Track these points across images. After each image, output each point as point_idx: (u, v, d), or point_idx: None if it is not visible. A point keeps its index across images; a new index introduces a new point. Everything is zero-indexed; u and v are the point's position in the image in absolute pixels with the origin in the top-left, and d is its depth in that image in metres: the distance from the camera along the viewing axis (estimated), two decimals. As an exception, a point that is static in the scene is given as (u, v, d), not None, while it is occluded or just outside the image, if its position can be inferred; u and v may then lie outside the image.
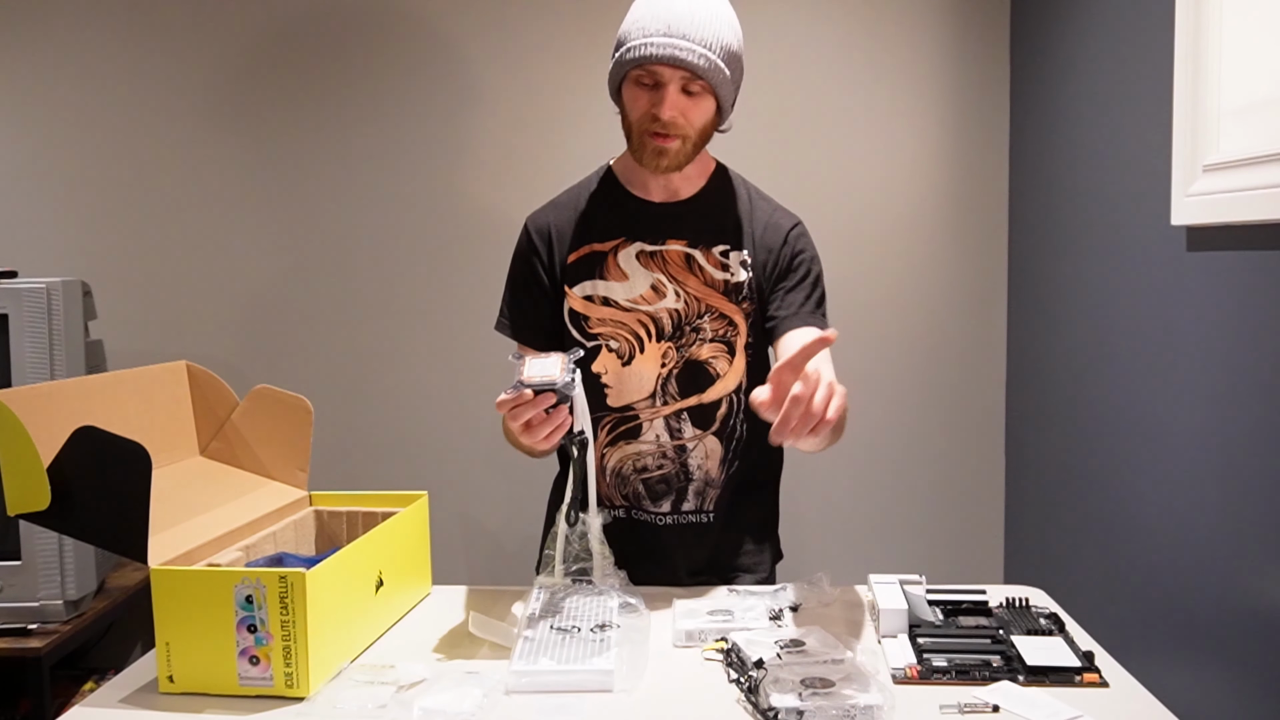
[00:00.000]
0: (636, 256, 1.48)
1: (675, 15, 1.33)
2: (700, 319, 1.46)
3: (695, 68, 1.34)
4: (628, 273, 1.47)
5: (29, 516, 1.15)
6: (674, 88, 1.36)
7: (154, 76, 2.42)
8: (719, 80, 1.37)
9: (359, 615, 1.25)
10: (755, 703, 1.06)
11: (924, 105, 2.37)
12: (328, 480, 1.54)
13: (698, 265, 1.47)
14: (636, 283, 1.47)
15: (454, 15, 2.39)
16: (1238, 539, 1.39)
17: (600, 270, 1.48)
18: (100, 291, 2.09)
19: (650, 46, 1.33)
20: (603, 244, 1.49)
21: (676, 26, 1.33)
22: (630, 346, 1.47)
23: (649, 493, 1.50)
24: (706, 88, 1.37)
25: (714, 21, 1.35)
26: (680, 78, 1.35)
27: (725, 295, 1.47)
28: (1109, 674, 1.15)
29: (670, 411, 1.48)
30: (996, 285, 2.40)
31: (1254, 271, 1.36)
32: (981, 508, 2.44)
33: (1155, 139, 1.61)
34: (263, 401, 1.44)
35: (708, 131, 1.42)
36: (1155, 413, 1.63)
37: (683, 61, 1.33)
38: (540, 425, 1.22)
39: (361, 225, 2.44)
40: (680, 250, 1.47)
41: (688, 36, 1.33)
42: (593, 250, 1.49)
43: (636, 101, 1.39)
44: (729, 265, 1.48)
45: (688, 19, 1.33)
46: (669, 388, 1.47)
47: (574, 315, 1.48)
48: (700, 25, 1.34)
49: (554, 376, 1.20)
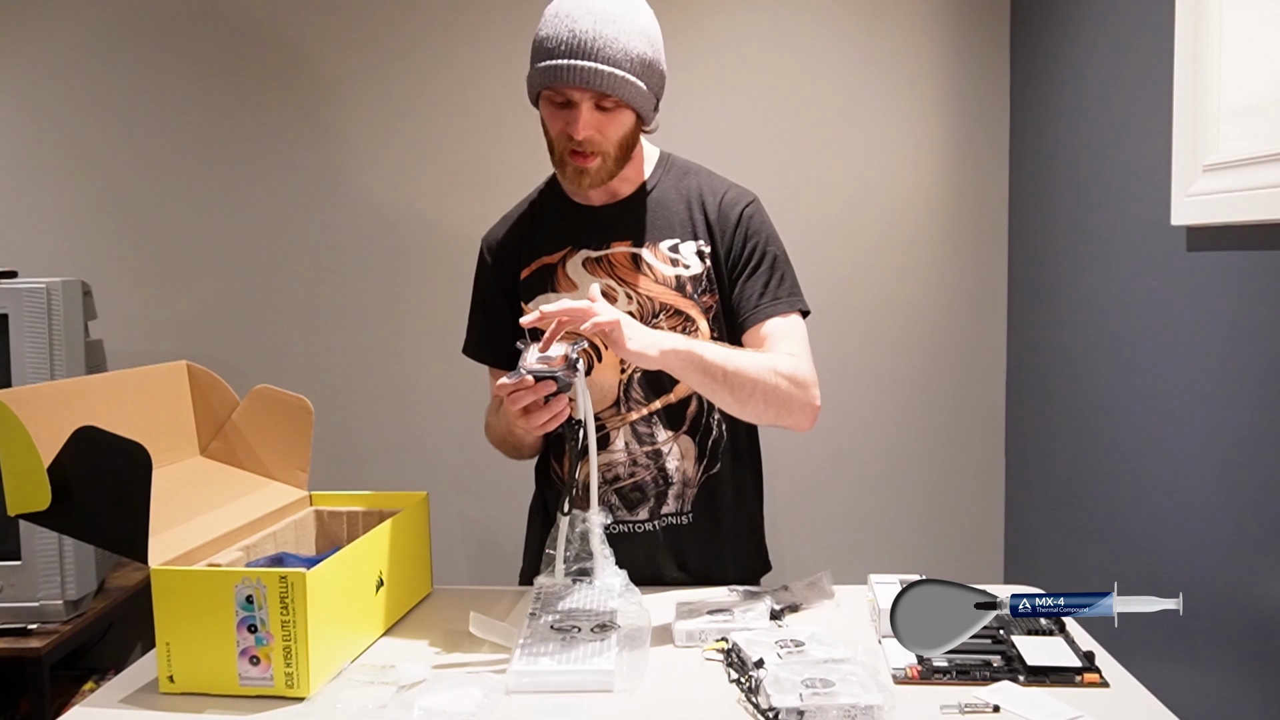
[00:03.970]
0: (583, 264, 1.45)
1: (578, 33, 1.28)
2: (655, 319, 1.43)
3: (603, 87, 1.30)
4: (576, 282, 1.45)
5: (29, 516, 1.15)
6: (586, 106, 1.32)
7: (154, 76, 2.42)
8: (631, 94, 1.32)
9: (359, 615, 1.25)
10: (755, 703, 1.06)
11: (924, 105, 2.37)
12: (328, 480, 1.54)
13: (646, 265, 1.44)
14: (586, 292, 1.44)
15: (456, 12, 2.39)
16: (1238, 539, 1.39)
17: (551, 283, 1.46)
18: (100, 291, 2.09)
19: (555, 69, 1.29)
20: (551, 256, 1.47)
21: (581, 45, 1.28)
22: (588, 357, 1.43)
23: (624, 502, 1.47)
24: (620, 102, 1.33)
25: (620, 34, 1.30)
26: (591, 96, 1.31)
27: (678, 291, 1.43)
28: (1109, 674, 1.15)
29: (637, 417, 1.45)
30: (996, 285, 2.40)
31: (1254, 271, 1.36)
32: (981, 508, 2.44)
33: (1155, 139, 1.61)
34: (263, 401, 1.44)
35: (629, 141, 1.38)
36: (1155, 412, 1.63)
37: (588, 83, 1.29)
38: (538, 412, 1.23)
39: (363, 225, 2.44)
40: (626, 252, 1.45)
41: (594, 55, 1.28)
42: (543, 264, 1.48)
43: (552, 120, 1.36)
44: (679, 259, 1.44)
45: (591, 36, 1.28)
46: (633, 393, 1.45)
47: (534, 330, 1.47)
48: (605, 41, 1.29)
49: (556, 365, 1.22)
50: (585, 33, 1.28)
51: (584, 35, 1.28)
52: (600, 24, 1.29)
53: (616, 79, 1.30)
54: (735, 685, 1.12)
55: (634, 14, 1.33)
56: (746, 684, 1.10)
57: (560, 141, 1.36)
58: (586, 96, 1.31)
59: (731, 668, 1.16)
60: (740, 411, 1.37)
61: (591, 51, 1.29)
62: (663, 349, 1.26)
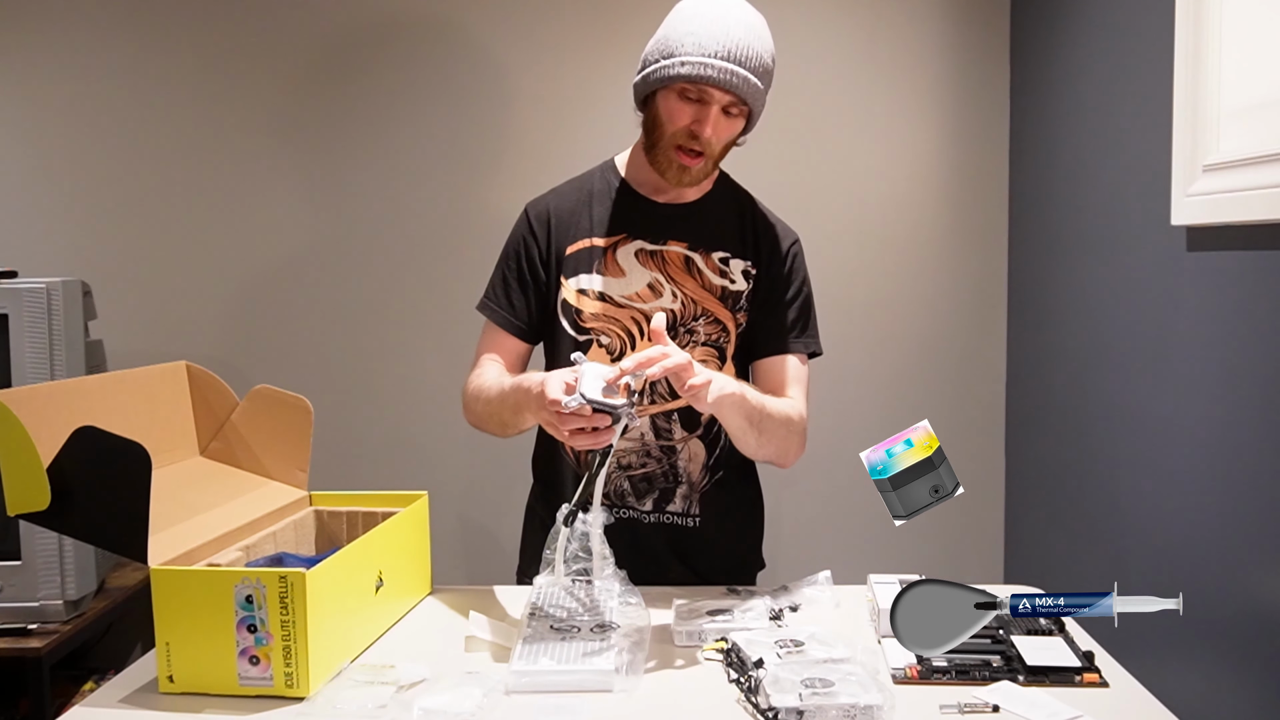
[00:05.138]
0: (635, 254, 1.48)
1: (733, 40, 1.35)
2: (695, 321, 1.47)
3: (746, 95, 1.37)
4: (626, 269, 1.47)
5: (29, 516, 1.15)
6: (718, 108, 1.38)
7: (154, 76, 2.42)
8: (759, 106, 1.41)
9: (359, 615, 1.25)
10: (755, 703, 1.06)
11: (924, 106, 2.37)
12: (328, 480, 1.53)
13: (696, 268, 1.48)
14: (633, 280, 1.47)
15: (454, 12, 2.39)
16: (1238, 539, 1.39)
17: (598, 265, 1.48)
18: (100, 291, 2.09)
19: (709, 69, 1.34)
20: (603, 239, 1.49)
21: (735, 52, 1.35)
22: (621, 343, 1.47)
23: (633, 489, 1.49)
24: (744, 110, 1.40)
25: (764, 50, 1.38)
26: (730, 100, 1.38)
27: (721, 301, 1.47)
28: (1109, 674, 1.15)
29: (658, 411, 1.47)
30: (996, 285, 2.40)
31: (1254, 271, 1.36)
32: (981, 508, 2.43)
33: (1155, 139, 1.61)
34: (263, 401, 1.44)
35: (730, 147, 1.45)
36: (1155, 412, 1.63)
37: (737, 89, 1.36)
38: (585, 436, 1.23)
39: (362, 225, 2.44)
40: (680, 252, 1.48)
41: (743, 63, 1.35)
42: (592, 244, 1.49)
43: (676, 113, 1.39)
44: (728, 272, 1.48)
45: (744, 46, 1.35)
46: (658, 387, 1.46)
47: (566, 307, 1.48)
48: (753, 53, 1.36)
49: (617, 400, 1.20)
50: (740, 41, 1.35)
51: (738, 44, 1.35)
52: (750, 35, 1.36)
53: (757, 90, 1.38)
54: (735, 685, 1.12)
55: (764, 28, 1.41)
56: (746, 684, 1.10)
57: (679, 136, 1.40)
58: (725, 99, 1.37)
59: (731, 668, 1.16)
60: (755, 451, 1.44)
61: (744, 60, 1.35)
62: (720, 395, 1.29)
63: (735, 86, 1.35)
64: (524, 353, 1.55)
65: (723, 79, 1.34)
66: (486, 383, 1.46)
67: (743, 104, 1.38)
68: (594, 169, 1.56)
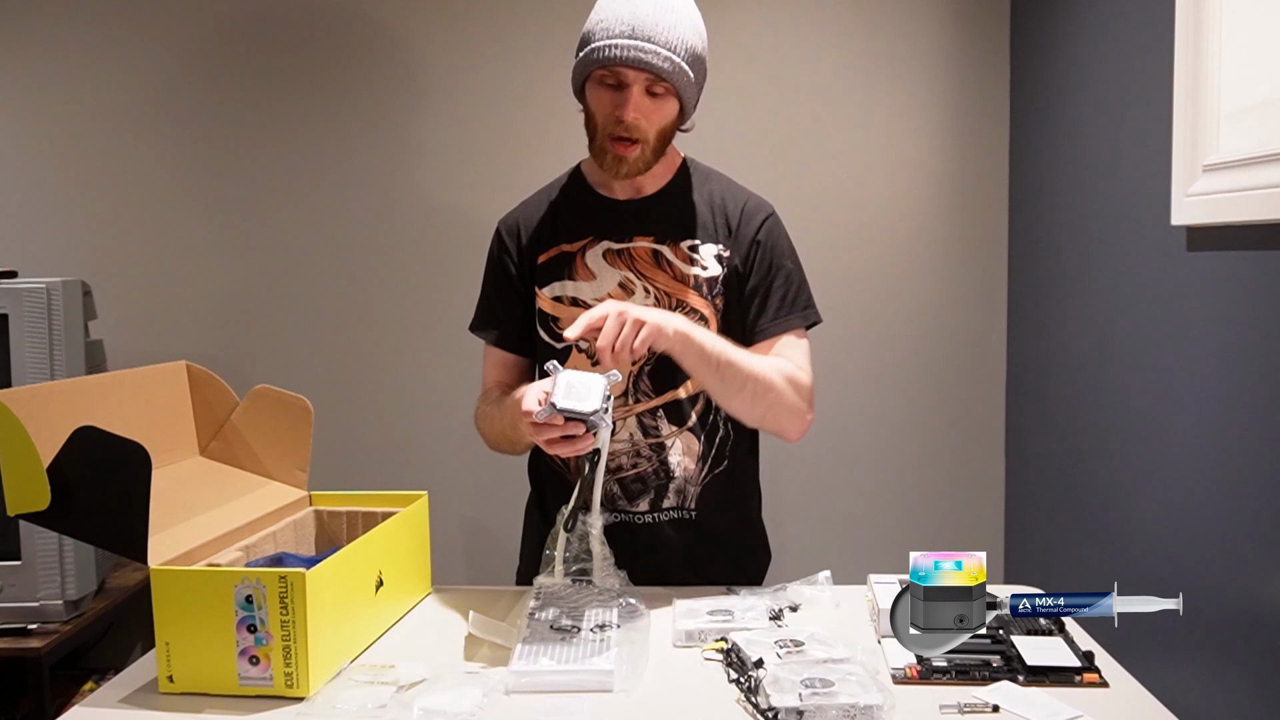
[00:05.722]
0: (603, 255, 1.47)
1: (639, 17, 1.33)
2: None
3: (659, 70, 1.34)
4: (595, 272, 1.47)
5: (29, 516, 1.15)
6: (638, 89, 1.36)
7: (154, 76, 2.42)
8: (683, 83, 1.37)
9: (359, 615, 1.25)
10: (755, 703, 1.06)
11: (924, 105, 2.37)
12: (328, 480, 1.53)
13: (666, 261, 1.46)
14: (604, 282, 1.46)
15: (459, 12, 2.39)
16: (1238, 539, 1.39)
17: (569, 271, 1.47)
18: (100, 291, 2.09)
19: (614, 49, 1.33)
20: (570, 244, 1.48)
21: (640, 28, 1.33)
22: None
23: (624, 492, 1.48)
24: (670, 89, 1.37)
25: (678, 24, 1.35)
26: (644, 80, 1.35)
27: (695, 290, 1.46)
28: (1109, 674, 1.15)
29: (644, 409, 1.47)
30: (996, 285, 2.40)
31: (1254, 271, 1.36)
32: (981, 508, 2.43)
33: (1155, 139, 1.61)
34: (263, 401, 1.44)
35: (669, 133, 1.43)
36: (1155, 412, 1.63)
37: (646, 64, 1.33)
38: (562, 444, 1.24)
39: (362, 225, 2.44)
40: (647, 247, 1.47)
41: (652, 39, 1.33)
42: (561, 251, 1.49)
43: (599, 102, 1.39)
44: (698, 259, 1.46)
45: (652, 21, 1.33)
46: (641, 385, 1.46)
47: (543, 316, 1.48)
48: (664, 27, 1.34)
49: (586, 407, 1.20)
50: (647, 17, 1.33)
51: (645, 19, 1.33)
52: (660, 11, 1.34)
53: (673, 64, 1.35)
54: (735, 685, 1.12)
55: (688, 8, 1.39)
56: (746, 684, 1.10)
57: (606, 125, 1.39)
58: (640, 79, 1.35)
59: (731, 667, 1.16)
60: (744, 411, 1.41)
61: (652, 35, 1.33)
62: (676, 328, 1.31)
63: (645, 63, 1.32)
64: (526, 366, 1.56)
65: (628, 56, 1.32)
66: (489, 405, 1.50)
67: (663, 81, 1.35)
68: (560, 175, 1.56)
